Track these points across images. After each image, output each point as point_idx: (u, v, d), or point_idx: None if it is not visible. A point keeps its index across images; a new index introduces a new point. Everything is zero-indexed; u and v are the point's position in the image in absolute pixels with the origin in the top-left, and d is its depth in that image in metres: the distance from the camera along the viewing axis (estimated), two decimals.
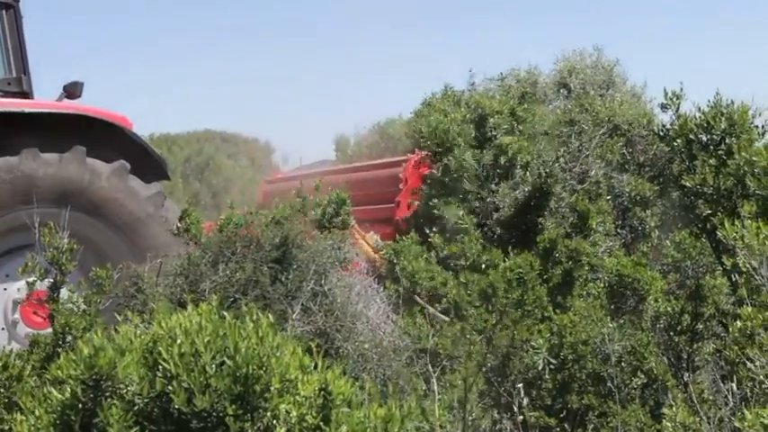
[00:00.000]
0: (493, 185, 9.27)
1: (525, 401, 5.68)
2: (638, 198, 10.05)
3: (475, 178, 9.27)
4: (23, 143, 7.21)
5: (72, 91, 8.13)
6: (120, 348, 2.93)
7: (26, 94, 7.94)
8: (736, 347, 3.80)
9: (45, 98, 8.08)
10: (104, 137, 7.56)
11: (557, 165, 9.23)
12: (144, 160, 7.68)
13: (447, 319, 6.85)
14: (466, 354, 6.13)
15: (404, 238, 8.37)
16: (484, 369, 6.39)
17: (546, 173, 8.97)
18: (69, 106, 7.76)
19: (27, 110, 7.40)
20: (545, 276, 7.61)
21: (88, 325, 4.46)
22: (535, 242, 8.35)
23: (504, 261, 7.02)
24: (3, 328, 7.40)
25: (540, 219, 8.83)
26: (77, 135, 7.43)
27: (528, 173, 9.20)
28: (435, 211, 8.98)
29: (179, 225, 5.68)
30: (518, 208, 9.04)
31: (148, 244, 6.95)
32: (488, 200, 9.20)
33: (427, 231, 8.71)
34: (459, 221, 8.43)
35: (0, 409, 3.75)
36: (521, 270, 7.44)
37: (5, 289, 7.42)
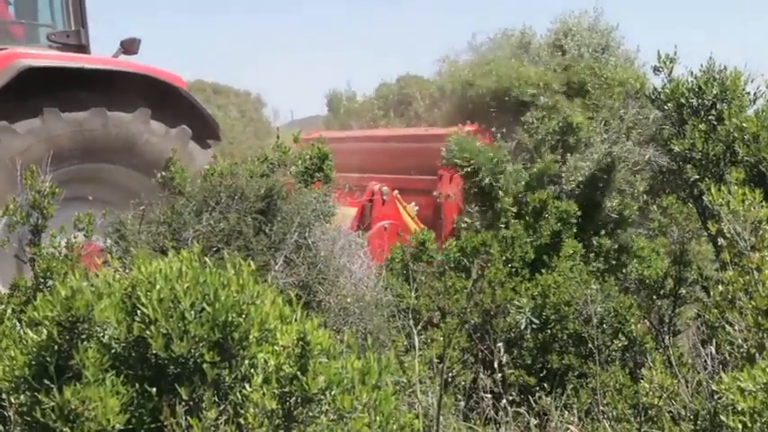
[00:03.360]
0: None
1: (505, 359, 5.70)
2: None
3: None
4: (87, 99, 7.13)
5: (129, 47, 8.01)
6: (98, 291, 2.91)
7: (84, 48, 7.83)
8: (716, 311, 3.81)
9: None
10: (161, 97, 7.50)
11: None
12: (197, 121, 7.61)
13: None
14: (447, 310, 6.16)
15: None
16: (466, 326, 6.42)
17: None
18: (129, 64, 7.63)
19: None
20: (534, 237, 7.64)
21: (69, 270, 4.44)
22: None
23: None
24: None
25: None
26: (136, 94, 7.36)
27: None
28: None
29: (163, 174, 5.64)
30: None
31: None
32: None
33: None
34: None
35: None
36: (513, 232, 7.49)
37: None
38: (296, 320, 3.12)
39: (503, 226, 8.30)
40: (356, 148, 12.05)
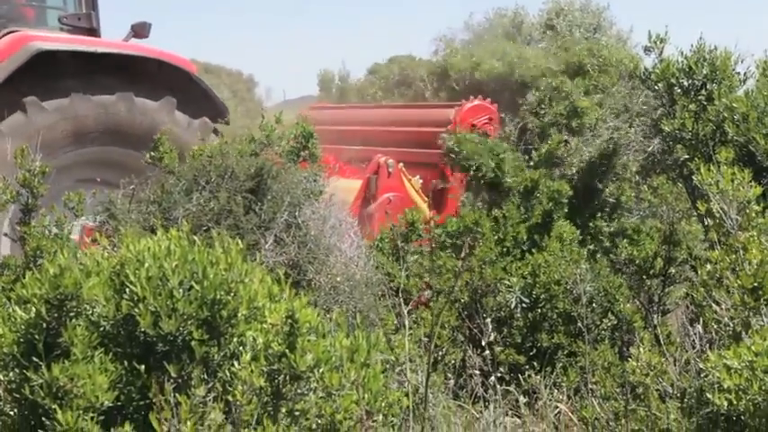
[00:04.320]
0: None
1: (493, 336, 5.72)
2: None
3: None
4: (113, 84, 7.22)
5: (140, 31, 8.02)
6: (87, 269, 2.91)
7: (94, 31, 7.81)
8: (704, 290, 3.83)
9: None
10: (171, 80, 7.56)
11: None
12: (206, 105, 7.66)
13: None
14: (437, 288, 6.18)
15: None
16: (456, 305, 6.45)
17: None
18: (141, 48, 7.64)
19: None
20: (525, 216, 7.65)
21: (59, 249, 4.44)
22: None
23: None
24: None
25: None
26: (154, 79, 7.44)
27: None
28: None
29: (152, 154, 5.64)
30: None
31: None
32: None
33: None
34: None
35: None
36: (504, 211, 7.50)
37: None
38: (284, 299, 3.13)
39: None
40: (361, 121, 12.16)
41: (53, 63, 6.86)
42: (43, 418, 2.71)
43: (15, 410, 2.85)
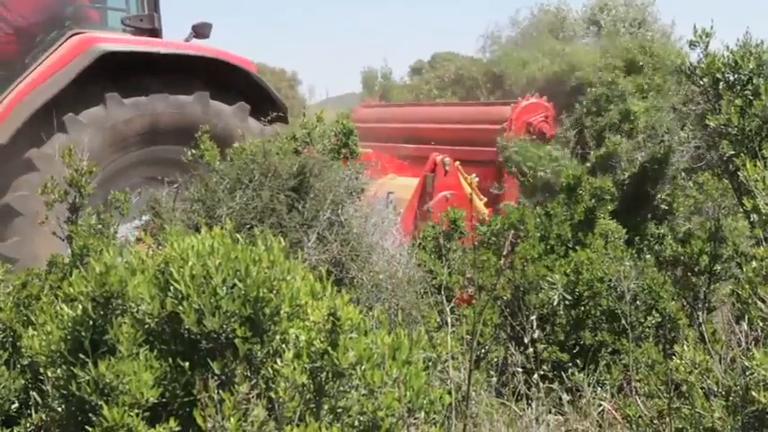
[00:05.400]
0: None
1: (537, 334, 5.70)
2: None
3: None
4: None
5: (201, 32, 8.14)
6: (132, 267, 2.96)
7: (156, 32, 7.94)
8: (749, 287, 3.79)
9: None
10: (233, 80, 7.67)
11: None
12: (267, 105, 7.68)
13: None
14: (479, 284, 6.16)
15: None
16: (498, 302, 6.42)
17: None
18: (204, 49, 7.75)
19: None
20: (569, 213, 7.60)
21: (105, 247, 4.50)
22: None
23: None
24: None
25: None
26: (209, 79, 7.56)
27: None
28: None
29: (193, 152, 5.69)
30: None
31: None
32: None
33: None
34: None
35: (19, 327, 3.80)
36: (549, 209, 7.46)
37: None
38: (327, 296, 3.15)
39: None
40: (416, 119, 12.24)
41: (117, 64, 6.99)
42: (90, 414, 2.76)
43: (63, 406, 2.91)
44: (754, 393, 3.32)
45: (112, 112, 6.98)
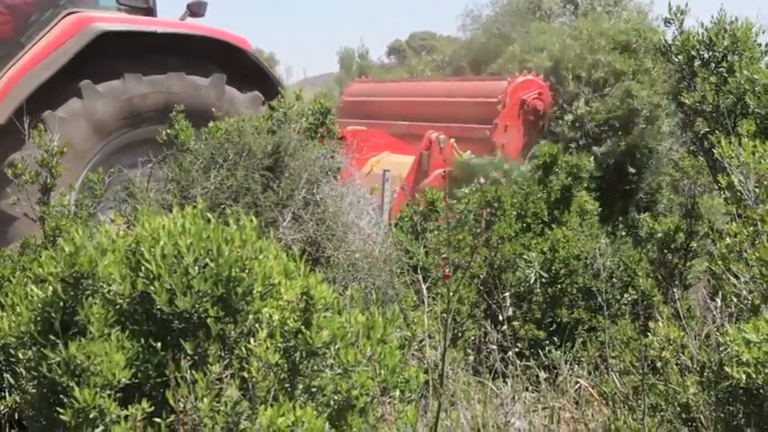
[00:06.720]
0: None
1: (511, 311, 5.71)
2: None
3: None
4: (159, 62, 7.28)
5: (195, 10, 8.09)
6: (102, 247, 2.93)
7: (151, 11, 7.89)
8: (722, 263, 3.80)
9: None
10: (227, 58, 7.61)
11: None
12: (261, 84, 7.68)
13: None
14: (455, 263, 6.15)
15: None
16: (475, 281, 6.43)
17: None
18: (200, 27, 7.69)
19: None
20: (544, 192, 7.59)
21: (78, 228, 4.46)
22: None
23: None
24: None
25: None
26: (204, 57, 7.50)
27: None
28: None
29: (168, 132, 5.64)
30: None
31: None
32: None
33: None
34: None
35: None
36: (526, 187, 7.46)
37: None
38: (300, 275, 3.13)
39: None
40: (410, 94, 12.24)
41: (110, 43, 6.93)
42: (61, 396, 2.73)
43: (35, 389, 2.88)
44: (727, 369, 3.33)
45: (130, 86, 6.98)
